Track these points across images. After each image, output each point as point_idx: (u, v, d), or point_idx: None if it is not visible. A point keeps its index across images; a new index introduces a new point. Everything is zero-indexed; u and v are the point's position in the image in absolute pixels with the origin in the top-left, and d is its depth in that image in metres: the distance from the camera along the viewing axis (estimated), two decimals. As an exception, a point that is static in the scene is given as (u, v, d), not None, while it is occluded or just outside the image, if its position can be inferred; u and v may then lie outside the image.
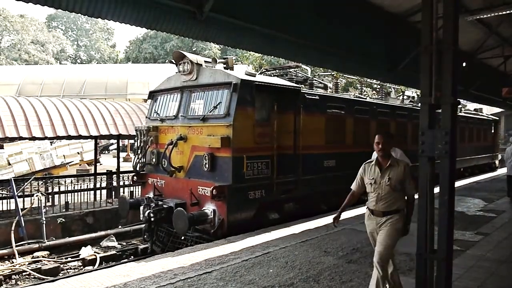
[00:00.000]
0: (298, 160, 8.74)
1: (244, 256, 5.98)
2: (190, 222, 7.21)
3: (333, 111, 10.09)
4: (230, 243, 6.76)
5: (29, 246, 9.30)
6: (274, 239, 7.00)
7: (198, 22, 5.30)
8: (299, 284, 4.92)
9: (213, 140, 7.52)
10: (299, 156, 8.75)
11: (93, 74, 28.69)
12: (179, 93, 8.80)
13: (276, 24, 6.13)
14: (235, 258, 5.91)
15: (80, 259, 9.10)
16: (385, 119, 12.14)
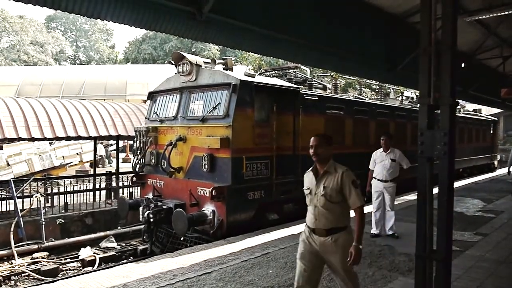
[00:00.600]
0: (298, 160, 8.74)
1: (243, 257, 5.98)
2: (190, 223, 7.21)
3: (332, 111, 10.10)
4: (230, 244, 6.76)
5: (28, 247, 9.29)
6: (273, 240, 7.00)
7: (197, 23, 5.29)
8: (299, 284, 4.92)
9: (212, 140, 7.53)
10: (298, 157, 8.76)
11: (92, 75, 28.67)
12: (178, 94, 8.81)
13: (276, 25, 6.13)
14: (235, 258, 5.91)
15: (79, 260, 9.10)
16: (384, 119, 12.15)
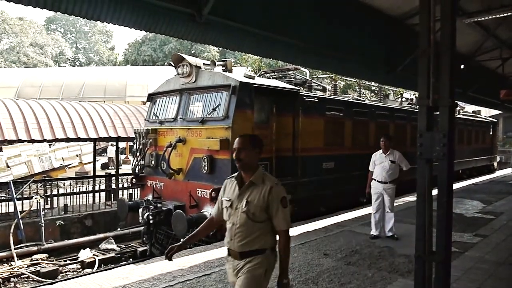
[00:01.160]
0: (297, 162, 8.75)
1: (243, 258, 5.97)
2: (189, 224, 7.20)
3: (332, 113, 10.11)
4: (229, 245, 6.74)
5: (28, 249, 9.29)
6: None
7: (197, 25, 5.30)
8: (298, 286, 4.92)
9: (212, 142, 7.54)
10: (298, 159, 8.76)
11: (92, 76, 28.65)
12: (178, 95, 8.82)
13: (276, 27, 6.13)
14: (234, 260, 5.90)
15: (79, 261, 9.08)
16: (383, 121, 12.16)
